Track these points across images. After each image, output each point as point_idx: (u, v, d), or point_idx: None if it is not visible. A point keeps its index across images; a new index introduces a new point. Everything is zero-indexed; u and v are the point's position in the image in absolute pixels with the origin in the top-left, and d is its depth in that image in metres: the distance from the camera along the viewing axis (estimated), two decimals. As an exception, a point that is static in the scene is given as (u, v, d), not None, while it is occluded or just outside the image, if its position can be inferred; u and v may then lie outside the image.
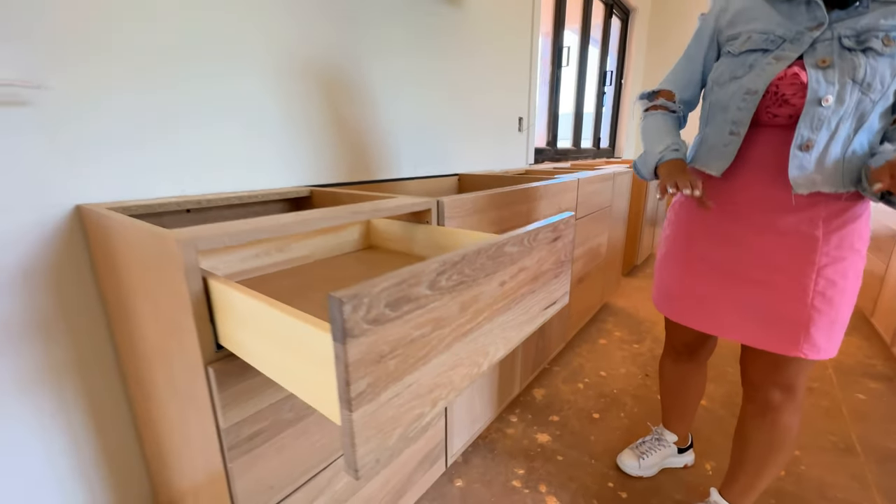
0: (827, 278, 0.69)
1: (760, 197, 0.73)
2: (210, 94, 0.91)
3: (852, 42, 0.62)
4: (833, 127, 0.64)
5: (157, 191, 0.87)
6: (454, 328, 0.40)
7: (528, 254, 0.52)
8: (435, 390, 0.38)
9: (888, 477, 1.08)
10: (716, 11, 0.79)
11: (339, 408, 0.31)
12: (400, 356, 0.33)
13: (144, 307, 0.61)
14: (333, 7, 1.12)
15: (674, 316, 0.87)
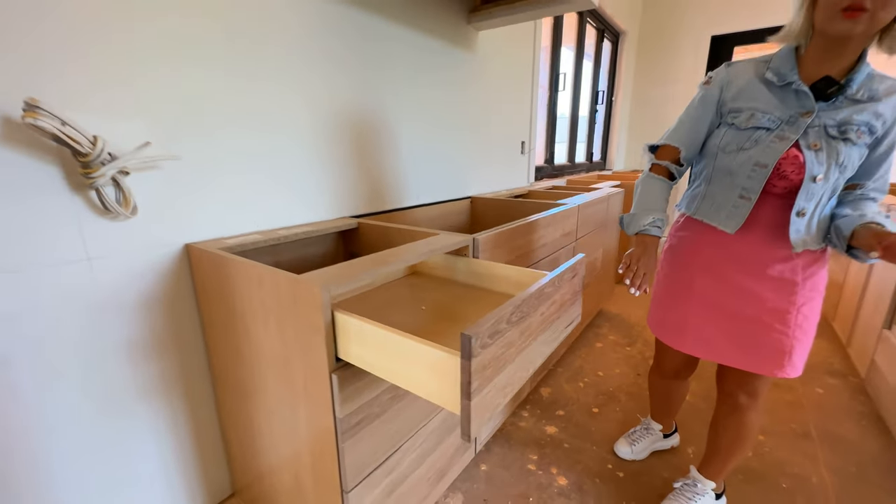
0: (804, 314, 0.88)
1: (759, 250, 0.88)
2: (268, 146, 1.11)
3: (835, 132, 0.78)
4: (819, 198, 0.81)
5: (239, 228, 1.06)
6: (517, 347, 0.61)
7: (557, 290, 0.73)
8: (506, 387, 0.59)
9: (835, 456, 1.32)
10: (719, 83, 0.89)
11: (460, 399, 0.51)
12: (492, 367, 0.54)
13: (262, 328, 0.80)
14: (364, 65, 1.32)
15: (672, 343, 1.04)
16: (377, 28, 1.32)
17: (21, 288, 0.74)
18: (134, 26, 0.80)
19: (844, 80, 0.77)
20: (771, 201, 0.86)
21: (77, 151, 0.71)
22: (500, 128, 2.13)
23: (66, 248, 0.78)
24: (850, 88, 0.77)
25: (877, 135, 0.78)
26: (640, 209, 0.96)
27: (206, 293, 0.95)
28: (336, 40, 1.20)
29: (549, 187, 2.51)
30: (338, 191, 1.30)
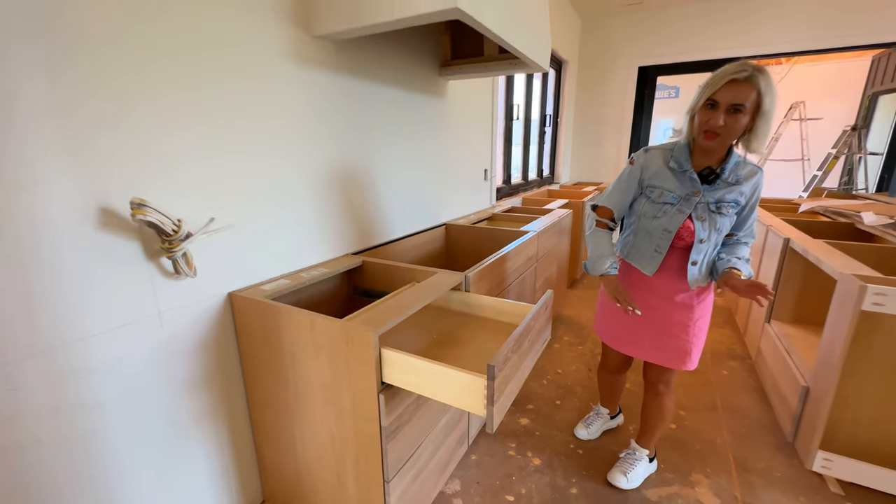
0: (699, 326, 1.24)
1: (668, 284, 1.23)
2: (284, 200, 1.32)
3: (714, 207, 1.12)
4: (705, 252, 1.17)
5: (267, 272, 1.25)
6: (516, 367, 0.89)
7: (537, 320, 1.02)
8: (511, 394, 0.87)
9: (733, 421, 1.75)
10: (640, 165, 1.22)
11: (486, 406, 0.78)
12: (504, 380, 0.81)
13: (312, 362, 1.02)
14: (355, 119, 1.56)
15: (612, 345, 1.40)
16: (366, 89, 1.55)
17: (118, 342, 0.91)
18: (188, 135, 0.99)
19: (719, 168, 1.13)
20: (674, 253, 1.21)
21: (165, 233, 0.89)
22: (466, 159, 2.42)
23: (146, 306, 0.95)
24: (724, 174, 1.12)
25: (741, 205, 1.15)
26: (597, 256, 1.26)
27: (247, 333, 1.14)
28: (331, 104, 1.42)
29: (507, 209, 2.84)
30: (339, 230, 1.51)
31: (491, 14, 1.20)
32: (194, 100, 0.98)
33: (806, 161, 6.49)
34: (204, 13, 0.98)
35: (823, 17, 3.51)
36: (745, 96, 0.99)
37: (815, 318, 1.91)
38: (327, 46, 1.33)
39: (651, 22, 4.17)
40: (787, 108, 6.50)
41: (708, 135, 1.05)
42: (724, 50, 3.96)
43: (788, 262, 1.90)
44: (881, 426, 1.32)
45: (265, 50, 1.14)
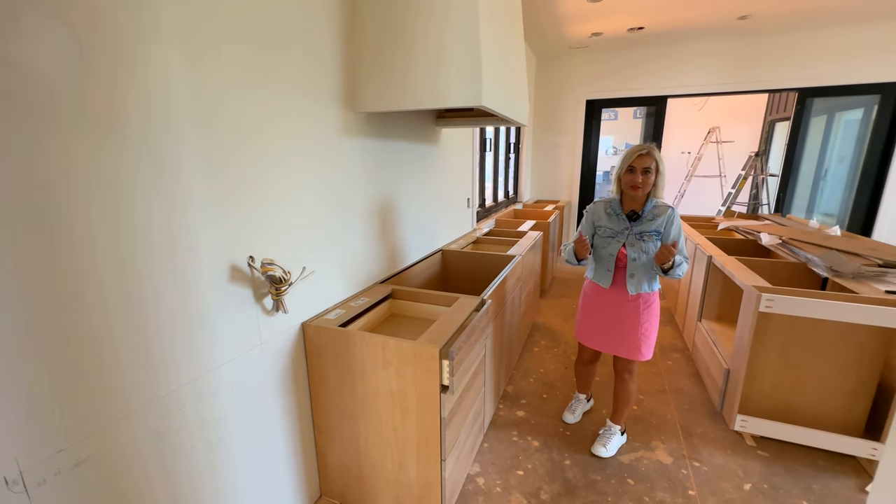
0: (645, 328, 1.68)
1: (618, 294, 1.69)
2: (331, 251, 1.62)
3: (639, 238, 1.61)
4: (638, 268, 1.65)
5: (323, 305, 1.54)
6: (468, 350, 1.25)
7: (480, 321, 1.40)
8: (469, 370, 1.23)
9: (678, 400, 2.24)
10: (591, 214, 1.74)
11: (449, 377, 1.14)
12: (464, 362, 1.18)
13: (382, 374, 1.32)
14: (381, 168, 1.89)
15: (585, 343, 1.85)
16: (387, 145, 1.88)
17: (238, 367, 1.17)
18: (280, 201, 1.28)
19: (641, 211, 1.62)
20: (620, 271, 1.68)
21: (278, 281, 1.17)
22: (453, 190, 2.79)
23: (254, 339, 1.22)
24: (643, 214, 1.62)
25: (661, 233, 1.61)
26: (570, 253, 1.71)
27: (317, 354, 1.42)
28: (364, 160, 1.74)
29: (486, 232, 3.24)
30: (369, 264, 1.81)
31: (498, 101, 1.59)
32: (284, 173, 1.27)
33: (723, 177, 7.57)
34: (293, 103, 1.28)
35: (730, 69, 4.32)
36: (649, 163, 1.55)
37: (732, 317, 2.47)
38: (361, 118, 1.65)
39: (595, 63, 4.83)
40: (706, 132, 7.56)
41: (634, 188, 1.57)
42: (656, 89, 4.69)
43: (712, 274, 2.46)
44: (777, 393, 1.84)
45: (326, 125, 1.44)
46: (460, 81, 1.39)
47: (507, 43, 1.73)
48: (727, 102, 7.36)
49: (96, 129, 0.80)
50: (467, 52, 1.37)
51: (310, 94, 1.35)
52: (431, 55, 1.40)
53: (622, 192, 1.64)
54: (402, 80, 1.46)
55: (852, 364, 1.72)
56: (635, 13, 3.51)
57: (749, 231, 2.94)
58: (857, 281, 1.89)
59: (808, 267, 2.21)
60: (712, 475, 1.72)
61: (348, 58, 1.50)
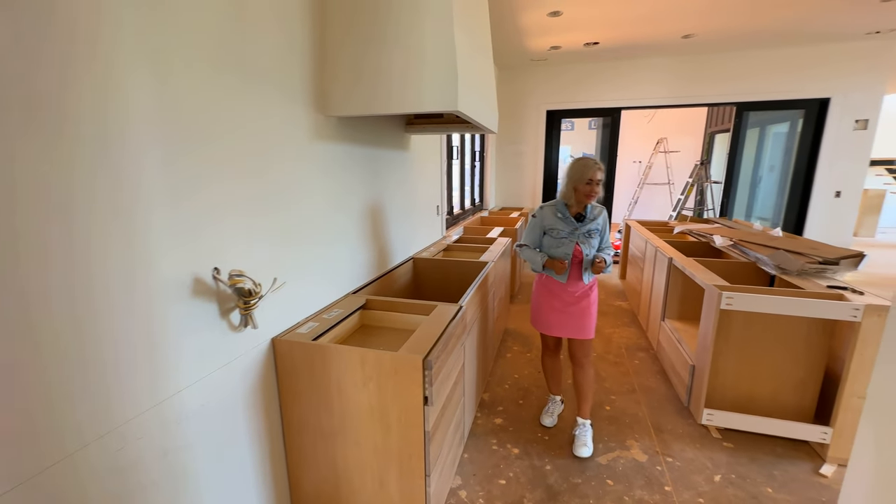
0: (593, 310, 1.88)
1: (573, 285, 1.85)
2: (304, 260, 1.54)
3: (586, 236, 1.80)
4: (589, 263, 1.78)
5: (294, 318, 1.45)
6: (446, 358, 1.24)
7: (456, 327, 1.39)
8: (449, 380, 1.22)
9: (647, 399, 2.31)
10: (540, 217, 1.88)
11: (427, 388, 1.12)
12: (442, 372, 1.16)
13: (361, 389, 1.26)
14: (356, 174, 1.83)
15: (544, 331, 1.97)
16: (359, 151, 1.83)
17: (203, 390, 1.06)
18: (247, 208, 1.20)
19: (585, 212, 1.82)
20: (575, 266, 1.86)
21: (248, 294, 1.08)
22: (424, 198, 2.77)
23: (220, 357, 1.12)
24: (587, 216, 1.83)
25: (600, 230, 1.83)
26: (534, 258, 1.88)
27: (289, 371, 1.33)
28: (336, 165, 1.68)
29: (456, 239, 3.24)
30: (341, 274, 1.75)
31: (472, 108, 1.59)
32: (254, 180, 1.19)
33: (671, 185, 8.07)
34: (271, 110, 1.20)
35: (677, 84, 4.64)
36: (601, 176, 1.77)
37: (693, 315, 2.61)
38: (332, 122, 1.59)
39: (555, 75, 5.01)
40: (655, 142, 8.05)
41: (589, 196, 1.78)
42: (611, 101, 4.94)
43: (672, 276, 2.58)
44: (737, 385, 1.95)
45: (297, 129, 1.38)
46: (435, 86, 1.38)
47: (477, 51, 1.74)
48: (673, 115, 7.89)
49: (47, 130, 0.70)
50: (442, 57, 1.36)
51: (281, 96, 1.28)
52: (405, 58, 1.38)
53: (577, 199, 1.82)
54: (375, 84, 1.42)
55: (802, 354, 1.85)
56: (591, 28, 3.68)
57: (701, 234, 3.13)
58: (802, 277, 2.05)
59: (758, 266, 2.37)
60: (685, 469, 1.78)
61: (319, 60, 1.45)
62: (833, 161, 4.49)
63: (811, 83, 4.35)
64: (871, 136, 4.39)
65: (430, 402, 1.22)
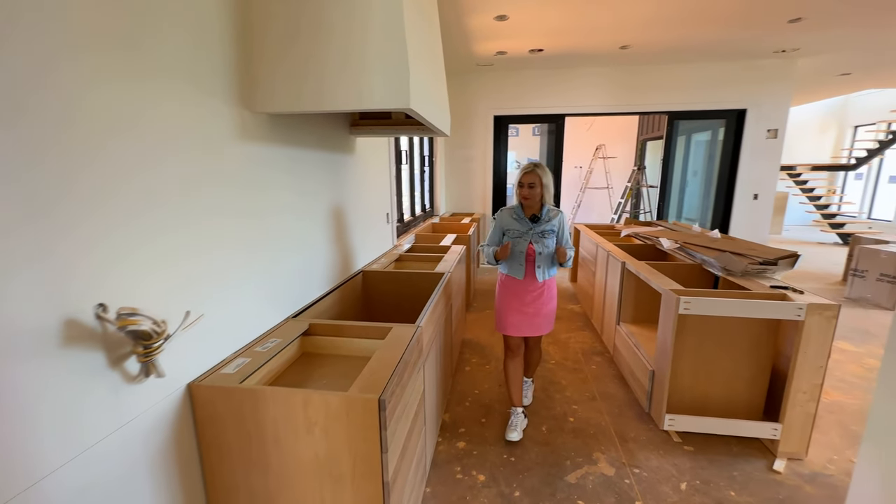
0: (550, 308, 2.02)
1: (530, 283, 1.97)
2: (240, 277, 1.30)
3: (541, 236, 1.92)
4: (543, 260, 1.90)
5: (220, 354, 1.21)
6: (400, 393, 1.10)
7: (412, 353, 1.26)
8: (409, 414, 1.07)
9: (608, 406, 2.29)
10: (499, 220, 2.00)
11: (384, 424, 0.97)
12: (400, 406, 1.02)
13: (304, 438, 1.05)
14: (285, 181, 1.61)
15: (508, 333, 2.04)
16: (296, 154, 1.61)
17: (82, 470, 0.80)
18: (144, 217, 0.95)
19: (540, 214, 1.93)
20: (529, 264, 1.96)
21: (147, 336, 0.84)
22: (372, 205, 2.57)
23: (109, 421, 0.86)
24: (542, 217, 1.93)
25: (556, 231, 1.93)
26: (491, 253, 2.00)
27: (212, 424, 1.08)
28: (265, 168, 1.45)
29: (408, 249, 3.06)
30: (278, 294, 1.51)
31: (425, 107, 1.44)
32: (155, 185, 0.94)
33: (610, 189, 8.49)
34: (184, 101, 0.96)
35: (616, 92, 4.85)
36: (532, 179, 1.88)
37: (646, 318, 2.65)
38: (262, 120, 1.36)
39: (502, 80, 5.03)
40: (594, 149, 8.44)
41: (524, 198, 1.92)
42: (555, 108, 5.04)
43: (626, 280, 2.60)
44: (694, 388, 1.96)
45: (216, 126, 1.14)
46: (384, 81, 1.21)
47: (428, 47, 1.60)
48: (610, 123, 8.31)
49: None
50: (393, 48, 1.19)
51: (191, 88, 1.04)
52: (347, 48, 1.20)
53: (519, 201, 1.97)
54: (316, 77, 1.22)
55: (751, 353, 1.90)
56: (536, 35, 3.70)
57: (647, 237, 3.23)
58: (745, 278, 2.13)
59: (703, 267, 2.45)
60: (652, 479, 1.75)
61: (244, 46, 1.22)
62: (751, 166, 4.92)
63: (731, 95, 4.73)
64: (780, 144, 4.87)
65: (386, 449, 1.03)
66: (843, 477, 1.75)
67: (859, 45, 4.03)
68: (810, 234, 8.30)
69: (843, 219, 7.74)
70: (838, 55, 4.41)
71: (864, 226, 7.74)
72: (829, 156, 9.07)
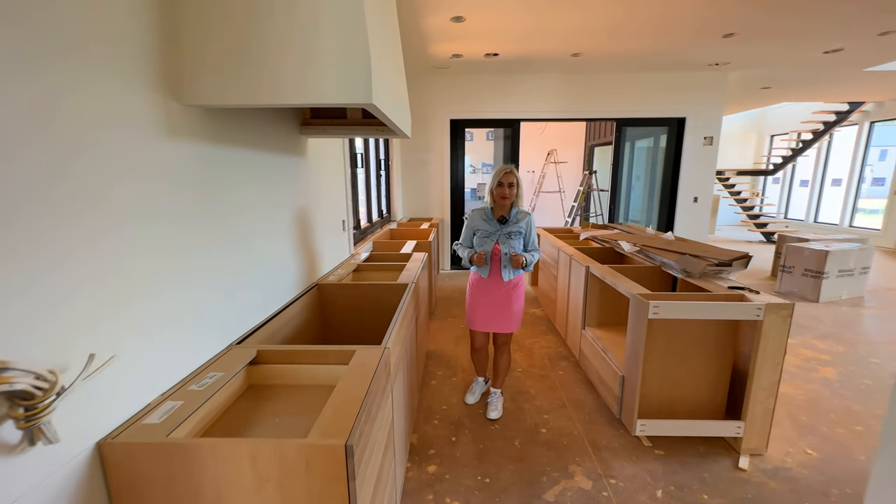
0: (517, 306, 2.12)
1: (496, 281, 2.08)
2: (167, 302, 1.09)
3: (508, 236, 2.02)
4: (510, 260, 1.96)
5: (144, 397, 0.99)
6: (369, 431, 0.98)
7: (378, 383, 1.14)
8: (378, 451, 0.95)
9: (579, 413, 2.25)
10: (471, 220, 2.10)
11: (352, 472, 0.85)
12: (370, 446, 0.90)
13: (251, 498, 0.86)
14: (228, 178, 1.40)
15: (474, 327, 2.19)
16: (237, 154, 1.40)
17: None
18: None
19: (508, 216, 2.03)
20: (495, 263, 2.07)
21: (28, 396, 0.63)
22: (326, 212, 2.36)
23: (-23, 514, 0.63)
24: (510, 219, 2.03)
25: (523, 233, 2.02)
26: (464, 255, 2.11)
27: (126, 490, 0.86)
28: (195, 172, 1.24)
29: (367, 258, 2.87)
30: (217, 318, 1.29)
31: (388, 104, 1.30)
32: (49, 190, 0.73)
33: (562, 193, 8.75)
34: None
35: (568, 98, 4.96)
36: (512, 179, 1.99)
37: (611, 321, 2.67)
38: (194, 114, 1.15)
39: (458, 84, 4.97)
40: (546, 153, 8.67)
41: (503, 198, 2.00)
42: (511, 112, 5.07)
43: (590, 284, 2.60)
44: (662, 391, 1.97)
45: (136, 118, 0.93)
46: (343, 73, 1.06)
47: (389, 39, 1.46)
48: (561, 128, 8.58)
49: None
50: (352, 34, 1.04)
51: (100, 71, 0.83)
52: (303, 34, 1.03)
53: (494, 202, 2.04)
54: (254, 66, 1.04)
55: (713, 354, 1.94)
56: (491, 39, 3.67)
57: (605, 240, 3.28)
58: (704, 279, 2.18)
59: (662, 269, 2.50)
60: (629, 489, 1.71)
61: (170, 25, 1.01)
62: (690, 171, 5.23)
63: (672, 104, 5.01)
64: (716, 151, 5.22)
65: (356, 502, 0.88)
66: (801, 470, 1.82)
67: (779, 61, 4.42)
68: (739, 233, 9.05)
69: (765, 219, 8.52)
70: (761, 70, 4.81)
71: (781, 225, 8.57)
72: (752, 162, 10.00)
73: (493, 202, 2.03)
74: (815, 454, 1.92)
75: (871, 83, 5.61)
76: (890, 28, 3.46)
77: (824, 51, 4.04)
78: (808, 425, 2.15)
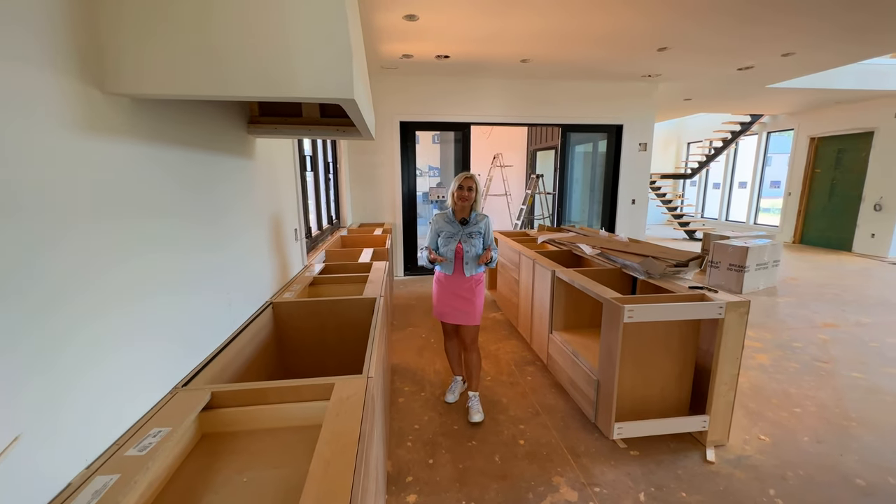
0: (478, 302, 2.25)
1: (459, 278, 2.21)
2: (81, 347, 0.86)
3: (469, 237, 2.18)
4: (471, 258, 2.17)
5: (63, 476, 0.76)
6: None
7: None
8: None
9: (552, 420, 2.23)
10: (435, 223, 2.24)
11: None
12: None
13: None
14: (163, 182, 1.18)
15: (442, 319, 2.30)
16: (174, 154, 1.17)
17: None
18: None
19: (469, 217, 2.18)
20: (458, 261, 2.19)
21: None
22: (276, 221, 2.12)
23: None
24: (471, 220, 2.19)
25: (482, 233, 2.18)
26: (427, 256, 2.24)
27: None
28: (132, 173, 1.01)
29: (322, 269, 2.64)
30: (153, 359, 1.06)
31: (363, 101, 1.15)
32: None
33: (509, 196, 8.94)
34: None
35: (516, 104, 5.05)
36: (471, 183, 2.15)
37: (577, 324, 2.70)
38: (124, 105, 0.93)
39: (407, 86, 4.84)
40: (493, 157, 8.81)
41: (463, 200, 2.15)
42: (460, 115, 5.04)
43: (556, 288, 2.61)
44: (634, 392, 2.00)
45: (44, 107, 0.70)
46: (321, 63, 0.90)
47: (357, 30, 1.31)
48: (505, 133, 8.76)
49: None
50: (332, 16, 0.89)
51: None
52: (270, 13, 0.86)
53: (455, 204, 2.18)
54: (209, 45, 0.85)
55: (678, 352, 2.01)
56: (443, 41, 3.61)
57: (563, 243, 3.34)
58: (664, 280, 2.27)
59: (623, 271, 2.57)
60: (613, 496, 1.70)
61: (81, -13, 0.79)
62: (629, 175, 5.57)
63: (611, 112, 5.30)
64: (649, 156, 5.61)
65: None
66: (759, 456, 1.94)
67: (700, 76, 4.85)
68: (666, 231, 9.87)
69: (687, 218, 9.38)
70: (685, 83, 5.27)
71: (699, 223, 9.49)
72: (673, 166, 10.99)
73: (455, 205, 2.19)
74: (767, 440, 2.07)
75: (770, 98, 6.39)
76: (790, 50, 3.93)
77: (738, 67, 4.50)
78: (757, 411, 2.32)
